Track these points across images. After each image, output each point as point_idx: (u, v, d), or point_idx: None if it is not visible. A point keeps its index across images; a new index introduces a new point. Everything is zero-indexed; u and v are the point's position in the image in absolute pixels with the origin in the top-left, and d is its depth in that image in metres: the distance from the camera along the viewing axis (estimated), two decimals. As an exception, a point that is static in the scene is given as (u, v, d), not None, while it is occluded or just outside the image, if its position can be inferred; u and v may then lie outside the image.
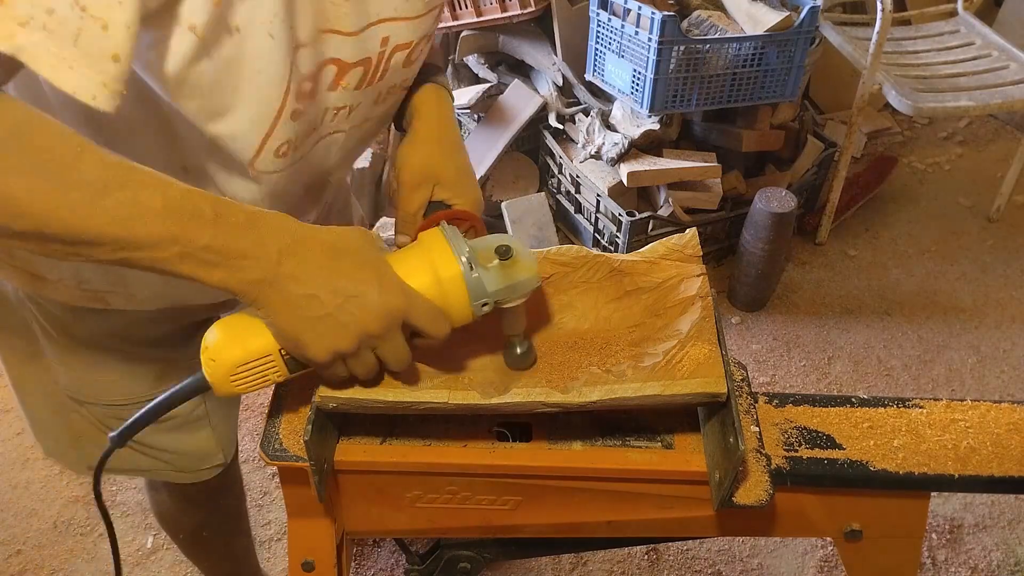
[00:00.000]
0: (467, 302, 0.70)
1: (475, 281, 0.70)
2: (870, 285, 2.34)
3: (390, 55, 0.76)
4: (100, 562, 1.66)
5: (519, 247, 0.73)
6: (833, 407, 0.88)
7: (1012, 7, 2.91)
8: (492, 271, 0.71)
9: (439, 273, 0.70)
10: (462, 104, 2.37)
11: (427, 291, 0.70)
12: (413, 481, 0.82)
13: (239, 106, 0.68)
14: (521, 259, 0.73)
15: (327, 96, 0.74)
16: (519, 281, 0.72)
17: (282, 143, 0.73)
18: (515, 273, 0.72)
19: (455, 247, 0.71)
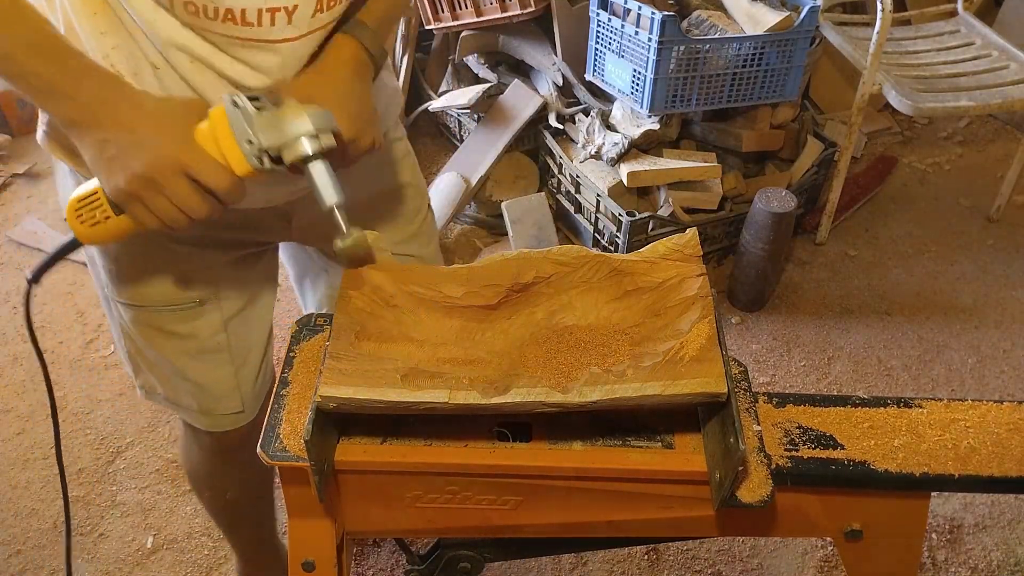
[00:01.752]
0: (233, 142, 0.75)
1: (235, 117, 0.75)
2: (870, 285, 2.34)
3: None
4: (100, 562, 1.66)
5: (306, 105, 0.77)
6: (833, 407, 0.88)
7: (1012, 7, 2.91)
8: (261, 112, 0.76)
9: (212, 117, 0.76)
10: (462, 104, 2.37)
11: (206, 138, 0.76)
12: (413, 481, 0.82)
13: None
14: (293, 106, 0.77)
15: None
16: (284, 122, 0.76)
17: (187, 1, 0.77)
18: (281, 116, 0.76)
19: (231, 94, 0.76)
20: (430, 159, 2.73)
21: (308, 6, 0.82)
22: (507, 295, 0.84)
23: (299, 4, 0.81)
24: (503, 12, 2.30)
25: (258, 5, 0.78)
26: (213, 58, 0.82)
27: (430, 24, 2.50)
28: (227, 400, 1.14)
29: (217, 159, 0.76)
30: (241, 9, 0.78)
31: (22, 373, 2.07)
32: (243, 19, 0.79)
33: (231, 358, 1.11)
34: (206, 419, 1.16)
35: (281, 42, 0.83)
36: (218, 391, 1.13)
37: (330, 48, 0.89)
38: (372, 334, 0.80)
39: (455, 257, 2.39)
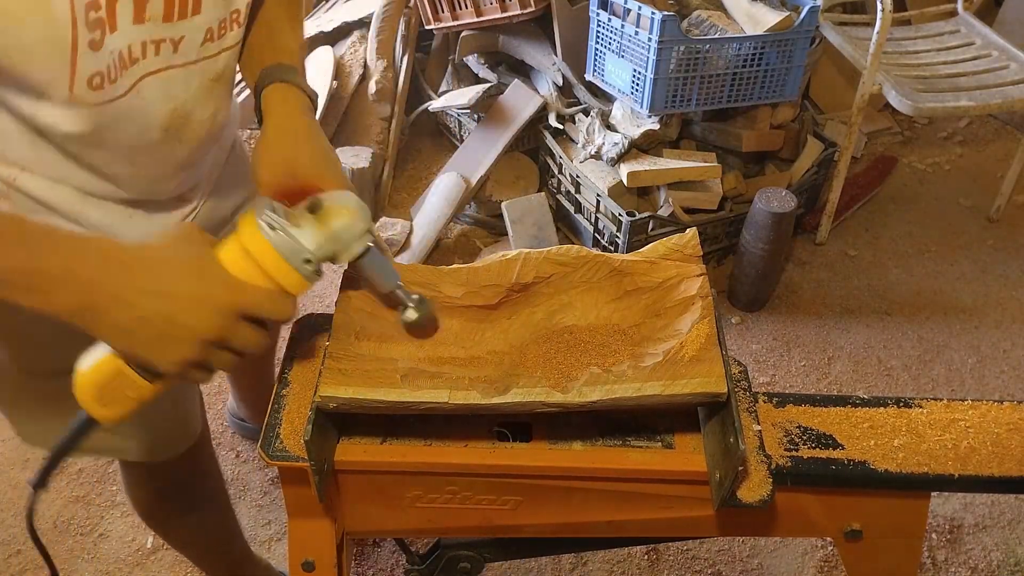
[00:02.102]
0: (286, 266, 0.69)
1: (282, 240, 0.68)
2: (870, 285, 2.34)
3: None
4: (100, 562, 1.66)
5: (333, 197, 0.73)
6: (833, 407, 0.88)
7: (1012, 7, 2.91)
8: (304, 226, 0.70)
9: (247, 247, 0.69)
10: (462, 104, 2.37)
11: (248, 272, 0.69)
12: (413, 481, 0.82)
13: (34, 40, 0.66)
14: (333, 208, 0.72)
15: (134, 29, 0.74)
16: (336, 229, 0.71)
17: (92, 74, 0.71)
18: (329, 221, 0.71)
19: (258, 214, 0.69)
20: (430, 159, 2.73)
21: (197, 35, 0.80)
22: (507, 295, 0.84)
23: (185, 35, 0.79)
24: (503, 12, 2.30)
25: (142, 38, 0.75)
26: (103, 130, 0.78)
27: (430, 24, 2.50)
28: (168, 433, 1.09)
29: (266, 284, 0.70)
30: (127, 46, 0.74)
31: (22, 373, 2.07)
32: (130, 57, 0.75)
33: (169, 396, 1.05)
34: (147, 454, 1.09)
35: (165, 70, 0.80)
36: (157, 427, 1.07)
37: (275, 104, 0.86)
38: (372, 334, 0.80)
39: (455, 257, 2.39)
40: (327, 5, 2.91)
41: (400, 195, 2.59)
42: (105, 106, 0.76)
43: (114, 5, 0.70)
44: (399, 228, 2.33)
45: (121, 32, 0.73)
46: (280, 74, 0.88)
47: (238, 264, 0.69)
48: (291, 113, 0.86)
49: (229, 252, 0.70)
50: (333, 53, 2.58)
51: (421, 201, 2.42)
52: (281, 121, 0.86)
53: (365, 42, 2.59)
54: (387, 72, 2.48)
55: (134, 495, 1.29)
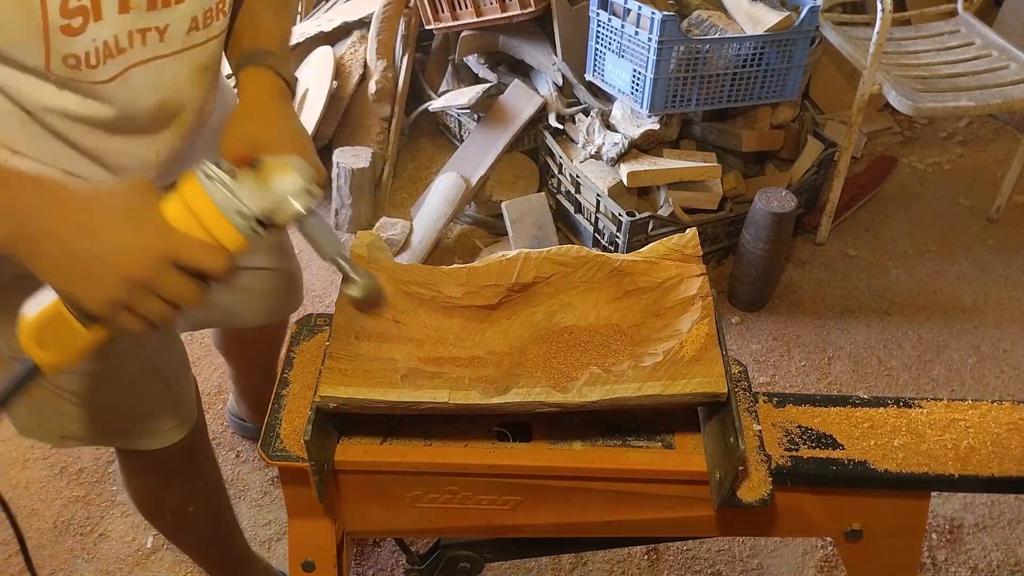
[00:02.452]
0: (222, 218, 0.69)
1: (217, 191, 0.68)
2: (870, 285, 2.34)
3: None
4: (100, 562, 1.66)
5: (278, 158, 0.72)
6: (833, 407, 0.88)
7: (1012, 7, 2.91)
8: (241, 180, 0.70)
9: (184, 196, 0.69)
10: (462, 104, 2.37)
11: (185, 222, 0.69)
12: (413, 481, 0.82)
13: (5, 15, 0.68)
14: (274, 164, 0.71)
15: (120, 19, 0.75)
16: (273, 184, 0.70)
17: (66, 55, 0.73)
18: (267, 178, 0.70)
19: (201, 162, 0.69)
20: (430, 159, 2.73)
21: (182, 23, 0.81)
22: (507, 295, 0.84)
23: (171, 23, 0.80)
24: (503, 12, 2.30)
25: (128, 28, 0.76)
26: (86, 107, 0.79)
27: (430, 24, 2.50)
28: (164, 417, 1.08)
29: (202, 235, 0.69)
30: (114, 36, 0.75)
31: (22, 373, 2.07)
32: (116, 47, 0.76)
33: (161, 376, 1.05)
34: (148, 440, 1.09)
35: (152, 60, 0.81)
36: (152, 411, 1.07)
37: (248, 85, 0.87)
38: (372, 334, 0.80)
39: (455, 257, 2.39)
40: (327, 5, 2.91)
41: (400, 195, 2.59)
42: (92, 87, 0.77)
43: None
44: (399, 228, 2.33)
45: (106, 21, 0.74)
46: (258, 58, 0.89)
47: (178, 216, 0.69)
48: (262, 96, 0.87)
49: (171, 204, 0.70)
50: (333, 53, 2.58)
51: (421, 201, 2.42)
52: (251, 101, 0.87)
53: (365, 42, 2.59)
54: (387, 72, 2.48)
55: (132, 486, 1.28)
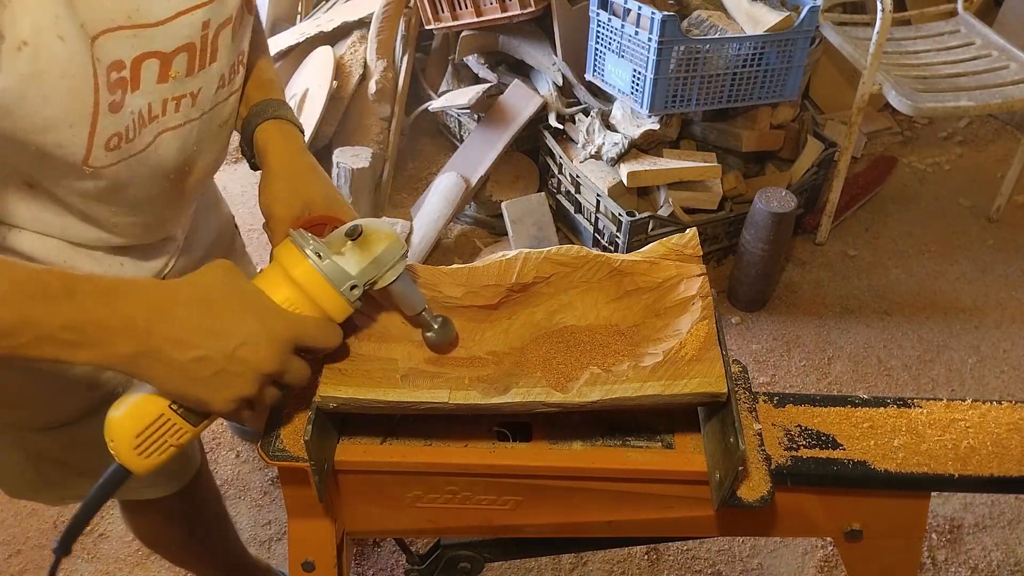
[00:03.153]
0: (334, 293, 0.71)
1: (330, 267, 0.70)
2: (870, 285, 2.34)
3: (214, 36, 0.76)
4: (100, 562, 1.66)
5: (370, 224, 0.74)
6: (833, 407, 0.88)
7: (1012, 7, 2.91)
8: (346, 253, 0.72)
9: (293, 276, 0.70)
10: (462, 104, 2.37)
11: (296, 302, 0.70)
12: (413, 481, 0.82)
13: (54, 114, 0.66)
14: (373, 234, 0.73)
15: (159, 88, 0.73)
16: (379, 254, 0.73)
17: (110, 136, 0.71)
18: (371, 247, 0.72)
19: (300, 245, 0.71)
20: (430, 159, 2.73)
21: (212, 84, 0.79)
22: (507, 295, 0.84)
23: (203, 86, 0.78)
24: (503, 12, 2.30)
25: (164, 96, 0.74)
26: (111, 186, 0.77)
27: (430, 24, 2.50)
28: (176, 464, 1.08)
29: (313, 313, 0.71)
30: (148, 104, 0.73)
31: (22, 373, 2.07)
32: (150, 114, 0.74)
33: None
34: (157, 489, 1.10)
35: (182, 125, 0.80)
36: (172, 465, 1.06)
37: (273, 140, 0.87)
38: (372, 334, 0.80)
39: (455, 257, 2.39)
40: (327, 5, 2.91)
41: (400, 195, 2.59)
42: (119, 164, 0.75)
43: (139, 66, 0.70)
44: (399, 228, 2.33)
45: (143, 91, 0.72)
46: (273, 110, 0.89)
47: (283, 295, 0.70)
48: (294, 151, 0.87)
49: (272, 284, 0.71)
50: (333, 53, 2.58)
51: (421, 201, 2.42)
52: (287, 159, 0.87)
53: (365, 42, 2.59)
54: (387, 72, 2.48)
55: (134, 525, 1.29)
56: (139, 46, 0.69)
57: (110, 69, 0.68)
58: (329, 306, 0.71)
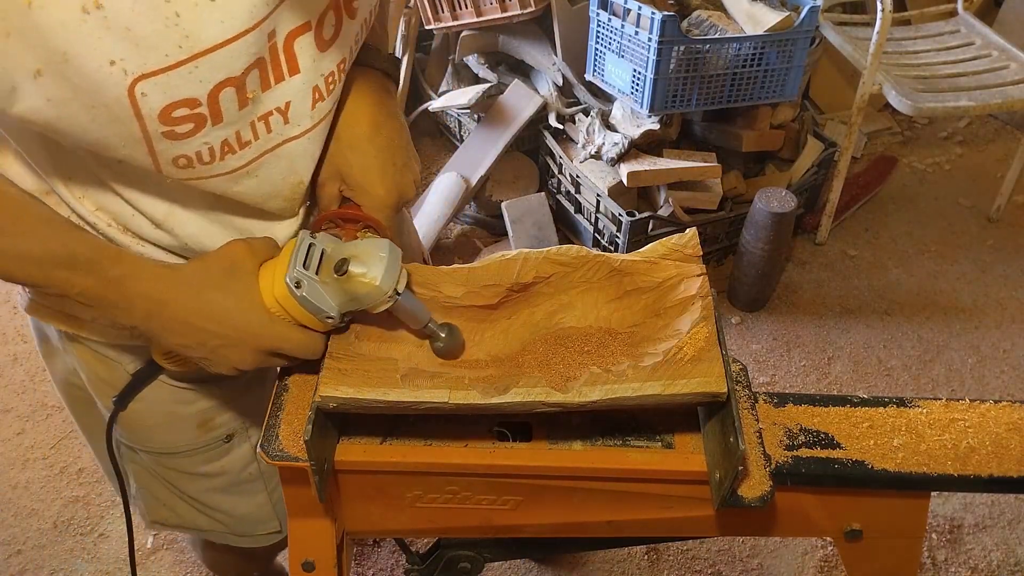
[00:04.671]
0: (311, 317, 0.74)
1: (305, 301, 0.73)
2: (870, 285, 2.34)
3: (286, 45, 0.69)
4: (100, 562, 1.66)
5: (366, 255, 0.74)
6: (833, 407, 0.88)
7: (1012, 7, 2.91)
8: (330, 284, 0.74)
9: (276, 295, 0.73)
10: (462, 104, 2.37)
11: (281, 310, 0.74)
12: (413, 481, 0.82)
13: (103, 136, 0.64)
14: (357, 276, 0.73)
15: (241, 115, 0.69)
16: (359, 296, 0.74)
17: (176, 156, 0.68)
18: (353, 288, 0.73)
19: (292, 264, 0.73)
20: (430, 159, 2.73)
21: (304, 98, 0.73)
22: (507, 295, 0.84)
23: (292, 100, 0.72)
24: (503, 12, 2.30)
25: (248, 119, 0.70)
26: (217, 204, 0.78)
27: (430, 24, 2.50)
28: (264, 524, 1.09)
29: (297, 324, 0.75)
30: (235, 132, 0.70)
31: (22, 373, 2.07)
32: (239, 142, 0.71)
33: (264, 484, 1.06)
34: (240, 540, 1.11)
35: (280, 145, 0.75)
36: (254, 518, 1.08)
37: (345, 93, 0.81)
38: (372, 334, 0.80)
39: (455, 257, 2.39)
40: None
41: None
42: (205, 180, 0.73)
43: (217, 98, 0.65)
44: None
45: (227, 122, 0.68)
46: (364, 57, 0.84)
47: (272, 299, 0.74)
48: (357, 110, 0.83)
49: (267, 286, 0.74)
50: (333, 53, 2.58)
51: (421, 201, 2.42)
52: (344, 120, 0.82)
53: (365, 42, 2.59)
54: (387, 72, 2.48)
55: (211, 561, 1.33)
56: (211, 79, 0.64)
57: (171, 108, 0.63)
58: (308, 323, 0.75)
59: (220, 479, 1.02)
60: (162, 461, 1.00)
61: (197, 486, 1.02)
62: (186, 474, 1.01)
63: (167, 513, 1.07)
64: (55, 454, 1.86)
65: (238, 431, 1.00)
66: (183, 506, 1.05)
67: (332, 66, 0.74)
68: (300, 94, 0.73)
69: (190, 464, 0.99)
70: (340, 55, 0.75)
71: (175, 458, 0.99)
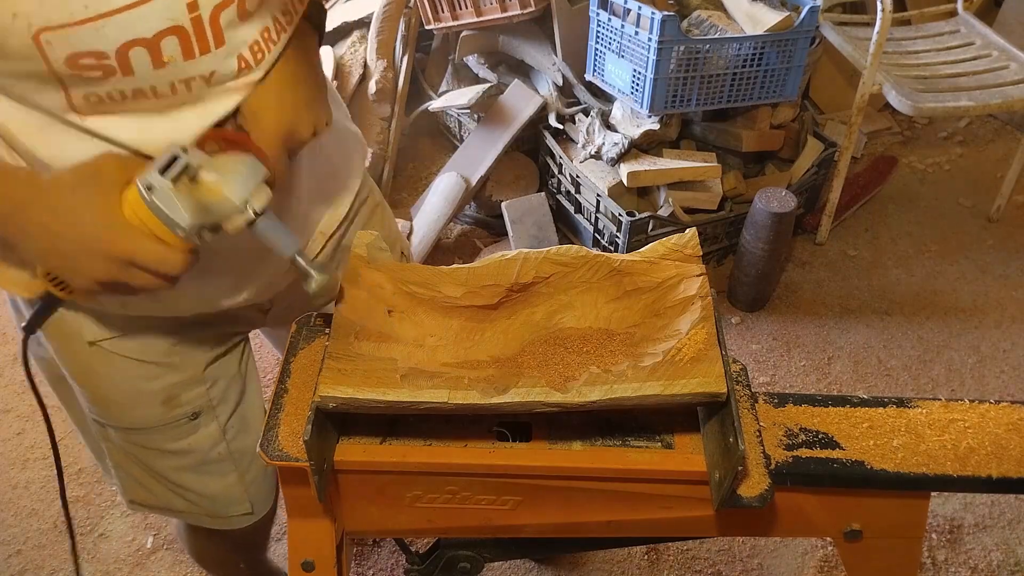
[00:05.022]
0: (164, 228, 0.71)
1: (154, 205, 0.70)
2: (870, 285, 2.34)
3: (212, 18, 0.70)
4: (100, 562, 1.66)
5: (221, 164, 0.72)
6: (833, 407, 0.88)
7: (1012, 7, 2.90)
8: (182, 195, 0.70)
9: (129, 202, 0.70)
10: (462, 104, 2.37)
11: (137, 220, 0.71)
12: (413, 481, 0.82)
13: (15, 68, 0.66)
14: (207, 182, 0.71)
15: (156, 74, 0.70)
16: (208, 204, 0.71)
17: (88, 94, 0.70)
18: (201, 196, 0.71)
19: (147, 169, 0.70)
20: (430, 159, 2.73)
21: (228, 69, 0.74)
22: (507, 295, 0.84)
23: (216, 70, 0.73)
24: (503, 12, 2.30)
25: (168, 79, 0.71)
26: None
27: (430, 24, 2.50)
28: (236, 505, 1.10)
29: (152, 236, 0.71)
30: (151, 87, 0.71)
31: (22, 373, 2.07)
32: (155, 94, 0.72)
33: (235, 465, 1.06)
34: (214, 521, 1.11)
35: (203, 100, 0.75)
36: (226, 499, 1.08)
37: None
38: (372, 334, 0.80)
39: (455, 257, 2.39)
40: (327, 5, 2.91)
41: (400, 195, 2.59)
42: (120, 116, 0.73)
43: (126, 54, 0.67)
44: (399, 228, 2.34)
45: (139, 76, 0.69)
46: None
47: (132, 216, 0.71)
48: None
49: (127, 203, 0.71)
50: (333, 53, 2.58)
51: (421, 201, 2.42)
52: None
53: (365, 42, 2.59)
54: (387, 72, 2.48)
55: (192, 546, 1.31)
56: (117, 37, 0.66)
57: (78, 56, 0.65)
58: (164, 236, 0.71)
59: (188, 457, 1.02)
60: (131, 438, 1.00)
61: (166, 464, 1.02)
62: (154, 451, 1.00)
63: (144, 493, 1.06)
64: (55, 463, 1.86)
65: (205, 410, 1.00)
66: (158, 486, 1.05)
67: (255, 34, 0.75)
68: (224, 65, 0.74)
69: (157, 441, 0.99)
70: (262, 23, 0.75)
71: (142, 434, 0.99)
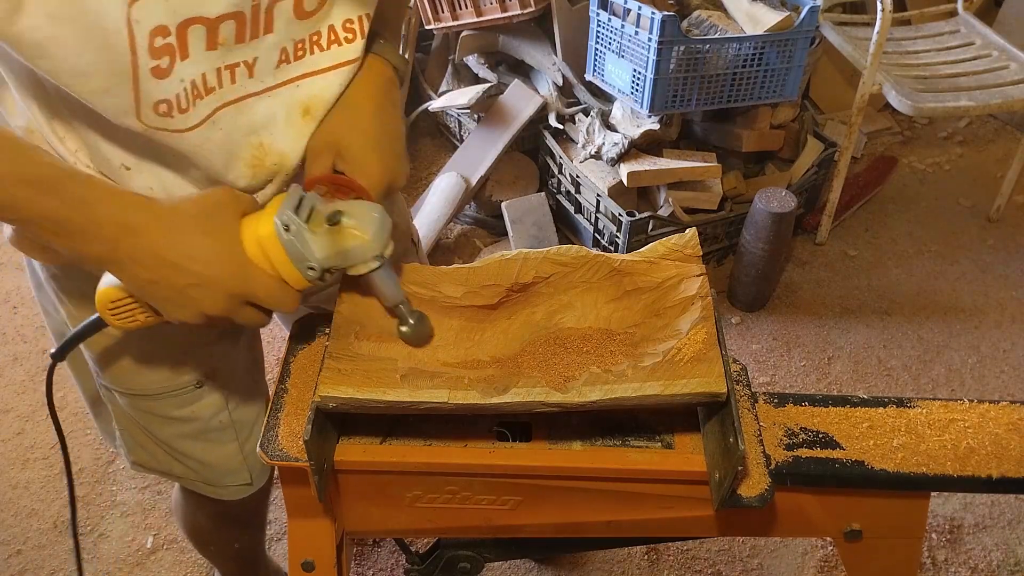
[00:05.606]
0: (292, 267, 0.72)
1: (291, 244, 0.71)
2: (870, 285, 2.34)
3: (269, 6, 0.72)
4: (100, 562, 1.66)
5: (360, 212, 0.74)
6: (833, 407, 0.88)
7: (1012, 7, 2.90)
8: (319, 235, 0.72)
9: (260, 238, 0.71)
10: (462, 104, 2.37)
11: (260, 258, 0.72)
12: (413, 481, 0.82)
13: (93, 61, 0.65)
14: (350, 227, 0.73)
15: (207, 56, 0.71)
16: (347, 249, 0.73)
17: (158, 101, 0.70)
18: (343, 240, 0.73)
19: (283, 207, 0.71)
20: (430, 159, 2.73)
21: (271, 56, 0.75)
22: (507, 295, 0.84)
23: (259, 56, 0.74)
24: (503, 12, 2.30)
25: (216, 64, 0.72)
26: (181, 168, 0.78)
27: (430, 24, 2.50)
28: (234, 475, 1.10)
29: (275, 275, 0.72)
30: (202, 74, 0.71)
31: (22, 373, 2.07)
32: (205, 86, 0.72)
33: (235, 434, 1.06)
34: (211, 489, 1.11)
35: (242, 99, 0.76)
36: (224, 468, 1.08)
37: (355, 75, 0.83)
38: (372, 334, 0.80)
39: (455, 257, 2.39)
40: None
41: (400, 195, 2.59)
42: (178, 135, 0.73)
43: (185, 31, 0.67)
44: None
45: (193, 60, 0.70)
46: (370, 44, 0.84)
47: (254, 253, 0.72)
48: (361, 91, 0.83)
49: (250, 232, 0.72)
50: (333, 53, 2.58)
51: (421, 201, 2.42)
52: (347, 98, 0.83)
53: (365, 42, 2.59)
54: (387, 72, 2.48)
55: (187, 520, 1.31)
56: (182, 12, 0.66)
57: (154, 33, 0.66)
58: (285, 274, 0.73)
59: (191, 425, 1.02)
60: (136, 404, 1.00)
61: (169, 431, 1.02)
62: (159, 417, 1.01)
63: (146, 456, 1.07)
64: (55, 454, 1.86)
65: (208, 378, 1.01)
66: (159, 451, 1.05)
67: (304, 35, 0.77)
68: (268, 53, 0.75)
69: (163, 407, 0.99)
70: (314, 27, 0.77)
71: (148, 400, 0.99)
